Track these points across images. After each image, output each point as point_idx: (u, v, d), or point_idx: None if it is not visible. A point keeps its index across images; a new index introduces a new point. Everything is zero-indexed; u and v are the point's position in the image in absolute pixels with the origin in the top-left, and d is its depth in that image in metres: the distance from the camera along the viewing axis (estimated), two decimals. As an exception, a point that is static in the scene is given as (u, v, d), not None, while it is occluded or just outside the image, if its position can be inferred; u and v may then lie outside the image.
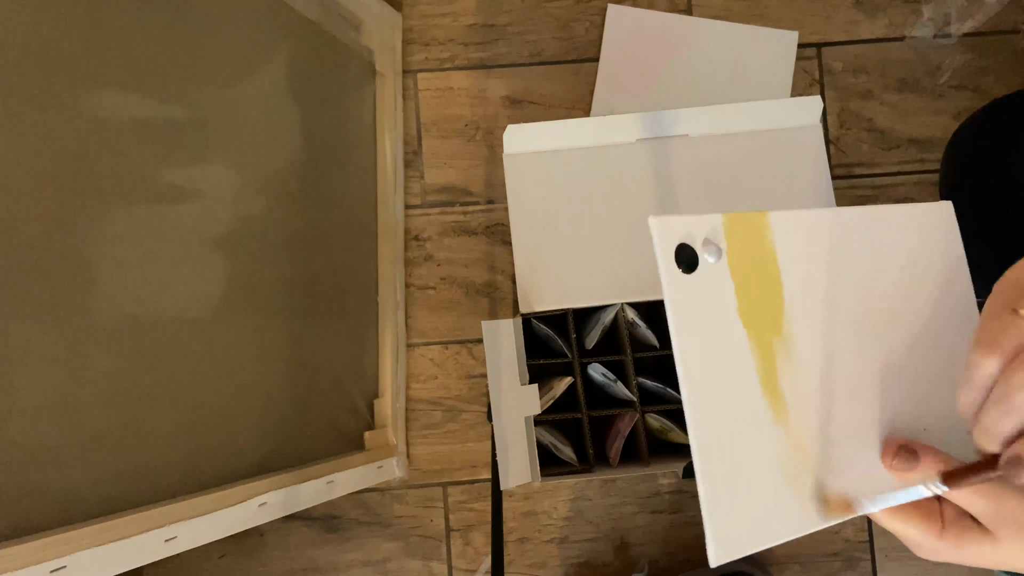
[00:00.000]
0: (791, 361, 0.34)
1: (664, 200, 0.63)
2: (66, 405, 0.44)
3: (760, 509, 0.32)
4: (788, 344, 0.34)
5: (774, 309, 0.34)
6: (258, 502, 0.59)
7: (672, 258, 0.32)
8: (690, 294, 0.32)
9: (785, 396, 0.33)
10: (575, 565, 0.87)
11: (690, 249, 0.32)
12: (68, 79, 0.43)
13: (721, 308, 0.33)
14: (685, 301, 0.32)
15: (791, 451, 0.33)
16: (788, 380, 0.33)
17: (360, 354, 0.80)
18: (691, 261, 0.32)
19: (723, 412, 0.32)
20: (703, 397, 0.32)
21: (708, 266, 0.32)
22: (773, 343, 0.33)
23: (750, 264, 0.33)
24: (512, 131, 0.62)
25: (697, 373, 0.32)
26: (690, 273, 0.32)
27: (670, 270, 0.32)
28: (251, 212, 0.60)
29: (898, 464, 0.33)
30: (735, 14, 0.90)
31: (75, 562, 0.42)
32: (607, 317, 0.64)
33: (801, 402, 0.34)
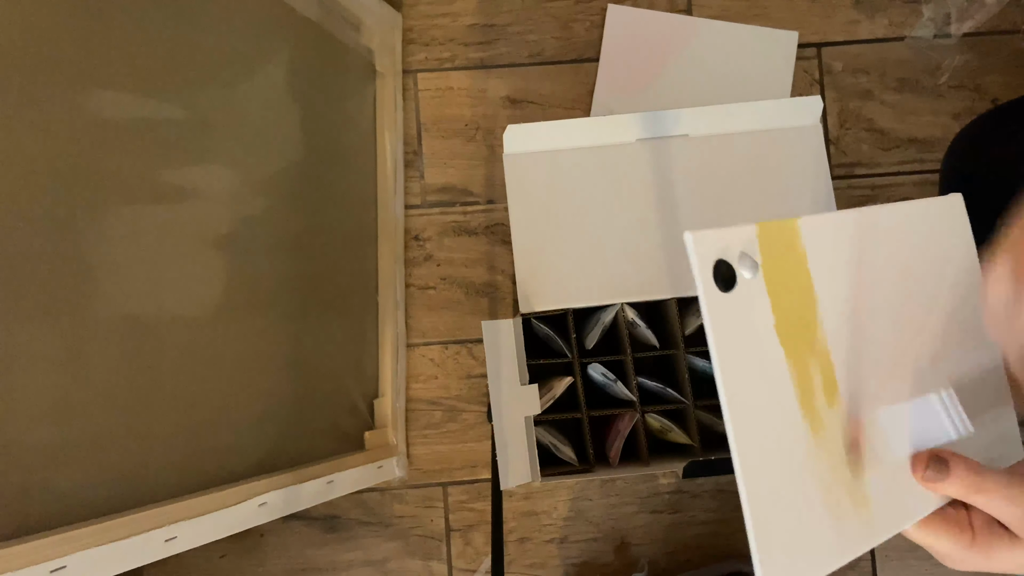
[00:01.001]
0: (826, 376, 0.33)
1: (664, 200, 0.63)
2: (66, 405, 0.43)
3: (808, 538, 0.31)
4: (823, 359, 0.33)
5: (808, 322, 0.32)
6: (258, 502, 0.59)
7: (711, 276, 0.30)
8: (729, 313, 0.31)
9: (821, 414, 0.32)
10: (575, 565, 0.87)
11: (726, 265, 0.31)
12: (68, 79, 0.43)
13: (759, 325, 0.31)
14: (724, 321, 0.30)
15: (830, 471, 0.32)
16: (822, 397, 0.32)
17: (360, 354, 0.80)
18: (728, 277, 0.31)
19: (766, 435, 0.31)
20: (747, 421, 0.30)
21: (745, 282, 0.31)
22: (809, 360, 0.32)
23: (784, 276, 0.32)
24: (512, 131, 0.62)
25: (740, 396, 0.30)
26: (728, 291, 0.31)
27: (709, 289, 0.30)
28: (251, 212, 0.60)
29: (930, 475, 0.32)
30: (735, 14, 0.90)
31: (75, 562, 0.42)
32: (607, 317, 0.64)
33: (835, 419, 0.32)
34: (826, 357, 0.33)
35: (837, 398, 0.32)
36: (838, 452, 0.32)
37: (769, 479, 0.30)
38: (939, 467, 0.32)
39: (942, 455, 0.32)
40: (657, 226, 0.62)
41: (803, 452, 0.31)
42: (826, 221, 0.34)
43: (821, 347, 0.32)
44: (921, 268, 0.36)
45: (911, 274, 0.36)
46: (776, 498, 0.30)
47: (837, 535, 0.31)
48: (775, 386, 0.31)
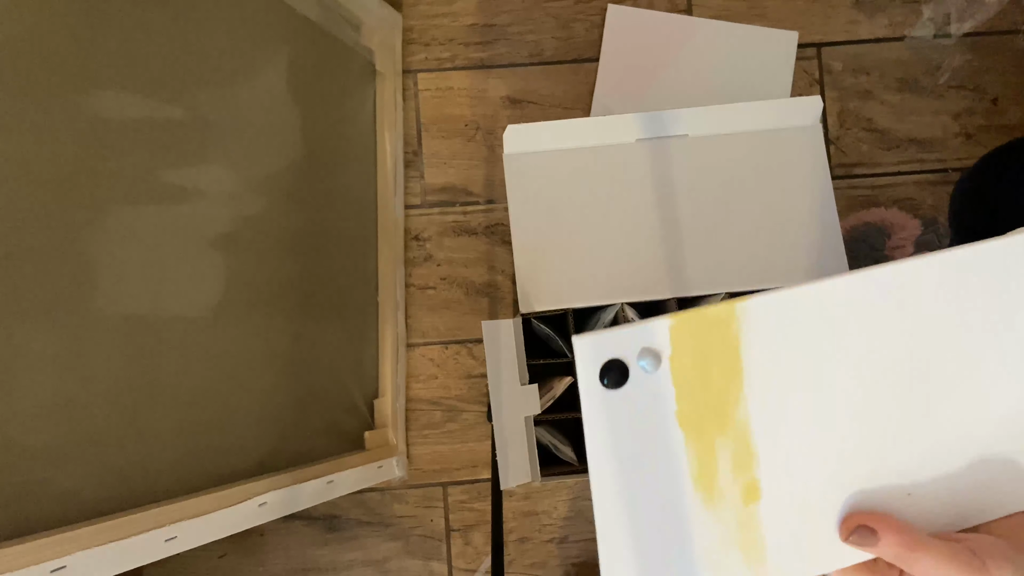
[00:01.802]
0: (738, 453, 0.33)
1: (664, 200, 0.63)
2: (66, 405, 0.44)
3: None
4: (738, 437, 0.33)
5: (725, 405, 0.33)
6: (258, 502, 0.59)
7: (595, 377, 0.31)
8: (614, 408, 0.31)
9: (722, 486, 0.33)
10: (575, 565, 0.87)
11: (619, 363, 0.31)
12: (68, 79, 0.43)
13: (654, 415, 0.32)
14: (607, 416, 0.31)
15: (719, 534, 0.33)
16: (729, 472, 0.33)
17: (360, 354, 0.80)
18: (622, 373, 0.31)
19: (638, 507, 0.32)
20: (614, 499, 0.32)
21: (642, 376, 0.31)
22: (716, 441, 0.33)
23: (702, 364, 0.32)
24: (512, 131, 0.62)
25: (610, 479, 0.32)
26: (618, 387, 0.31)
27: (589, 388, 0.31)
28: (251, 212, 0.60)
29: (855, 540, 0.32)
30: (735, 14, 0.90)
31: (75, 562, 0.42)
32: (607, 317, 0.64)
33: (738, 489, 0.33)
34: (743, 433, 0.33)
35: (751, 468, 0.33)
36: (734, 516, 0.33)
37: (632, 540, 0.32)
38: (866, 534, 0.32)
39: (872, 521, 0.33)
40: (657, 226, 0.62)
41: (689, 518, 0.33)
42: (774, 300, 0.32)
43: (738, 424, 0.33)
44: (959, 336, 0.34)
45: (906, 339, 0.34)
46: (637, 555, 0.32)
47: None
48: (662, 467, 0.32)
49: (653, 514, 0.32)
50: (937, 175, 0.90)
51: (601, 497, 0.32)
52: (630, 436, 0.32)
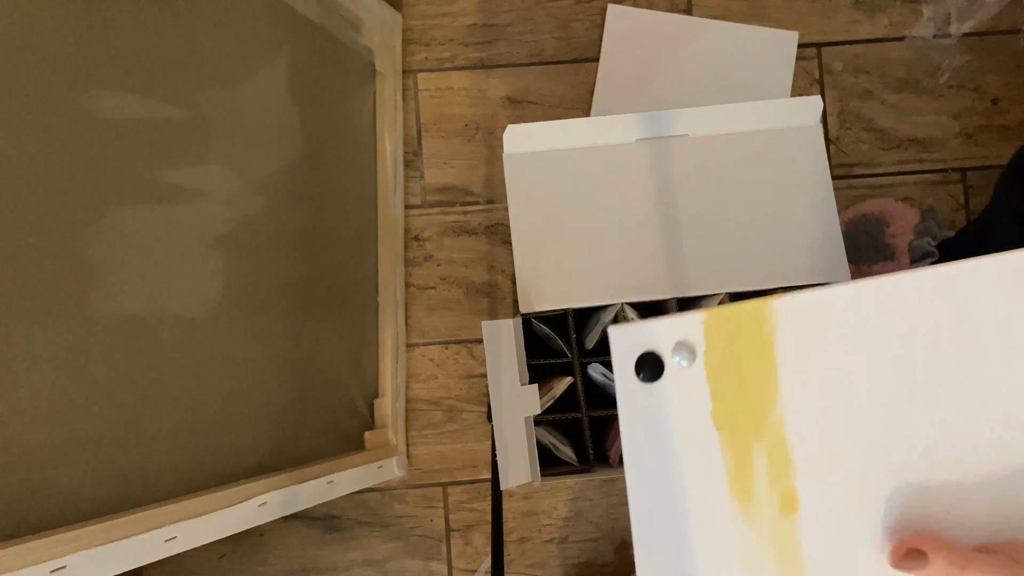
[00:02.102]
0: (775, 458, 0.32)
1: (664, 200, 0.63)
2: (66, 405, 0.44)
3: None
4: (775, 441, 0.32)
5: (760, 406, 0.32)
6: (258, 502, 0.59)
7: (630, 370, 0.30)
8: (650, 403, 0.31)
9: (757, 493, 0.32)
10: (575, 565, 0.87)
11: (654, 356, 0.31)
12: (68, 79, 0.43)
13: (690, 413, 0.31)
14: (643, 410, 0.30)
15: (755, 542, 0.32)
16: (765, 477, 0.32)
17: (360, 354, 0.80)
18: (656, 367, 0.31)
19: (674, 509, 0.31)
20: (651, 497, 0.31)
21: (677, 371, 0.31)
22: (752, 444, 0.32)
23: (736, 361, 0.31)
24: (512, 131, 0.62)
25: (648, 476, 0.31)
26: (653, 382, 0.30)
27: (626, 382, 0.30)
28: (251, 212, 0.60)
29: (907, 566, 0.32)
30: (735, 14, 0.90)
31: (75, 562, 0.42)
32: (607, 317, 0.64)
33: (776, 496, 0.32)
34: (779, 438, 0.32)
35: (789, 477, 0.32)
36: (771, 526, 0.32)
37: (666, 541, 0.31)
38: (918, 557, 0.32)
39: (921, 545, 0.32)
40: (657, 226, 0.62)
41: (725, 524, 0.31)
42: (810, 299, 0.31)
43: (774, 430, 0.32)
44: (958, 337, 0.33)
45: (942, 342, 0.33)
46: (672, 558, 0.31)
47: None
48: (698, 467, 0.31)
49: (689, 517, 0.31)
50: (937, 175, 0.90)
51: (637, 495, 0.31)
52: (667, 434, 0.31)
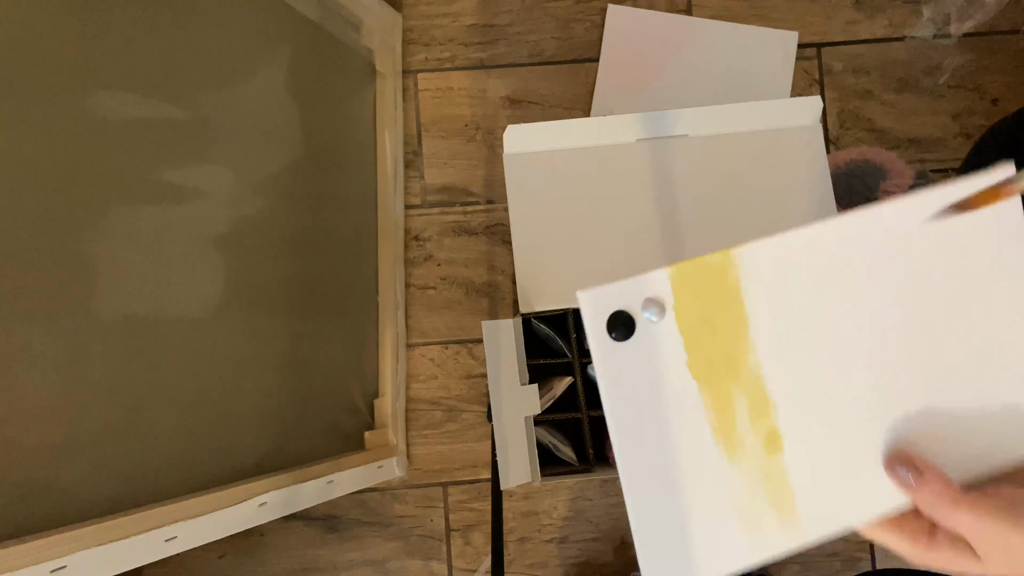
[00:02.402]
0: (754, 400, 0.33)
1: (664, 200, 0.63)
2: (66, 405, 0.44)
3: (707, 544, 0.32)
4: (752, 383, 0.33)
5: (734, 352, 0.33)
6: (258, 502, 0.59)
7: (603, 330, 0.31)
8: (626, 360, 0.31)
9: (742, 435, 0.33)
10: (575, 565, 0.87)
11: (625, 315, 0.31)
12: (68, 79, 0.43)
13: (666, 365, 0.32)
14: (620, 368, 0.31)
15: (746, 485, 0.33)
16: (746, 421, 0.33)
17: (360, 354, 0.80)
18: (628, 326, 0.31)
19: (662, 461, 0.32)
20: (637, 453, 0.31)
21: (649, 327, 0.31)
22: (731, 389, 0.33)
23: (705, 311, 0.32)
24: (512, 131, 0.62)
25: (632, 433, 0.31)
26: (626, 339, 0.31)
27: (600, 342, 0.31)
28: (251, 212, 0.60)
29: (902, 476, 0.32)
30: (735, 14, 0.90)
31: (75, 562, 0.42)
32: (607, 317, 0.64)
33: (759, 437, 0.33)
34: (757, 381, 0.33)
35: (769, 417, 0.33)
36: (758, 466, 0.33)
37: (659, 496, 0.32)
38: (913, 473, 0.32)
39: (918, 463, 0.32)
40: (657, 226, 0.62)
41: (713, 470, 0.32)
42: (771, 244, 0.32)
43: (750, 373, 0.33)
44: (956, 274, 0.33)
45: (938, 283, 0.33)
46: (666, 510, 0.32)
47: (748, 540, 0.32)
48: (681, 418, 0.32)
49: (677, 468, 0.32)
50: (937, 175, 0.90)
51: (623, 453, 0.31)
52: (646, 389, 0.32)
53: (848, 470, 0.33)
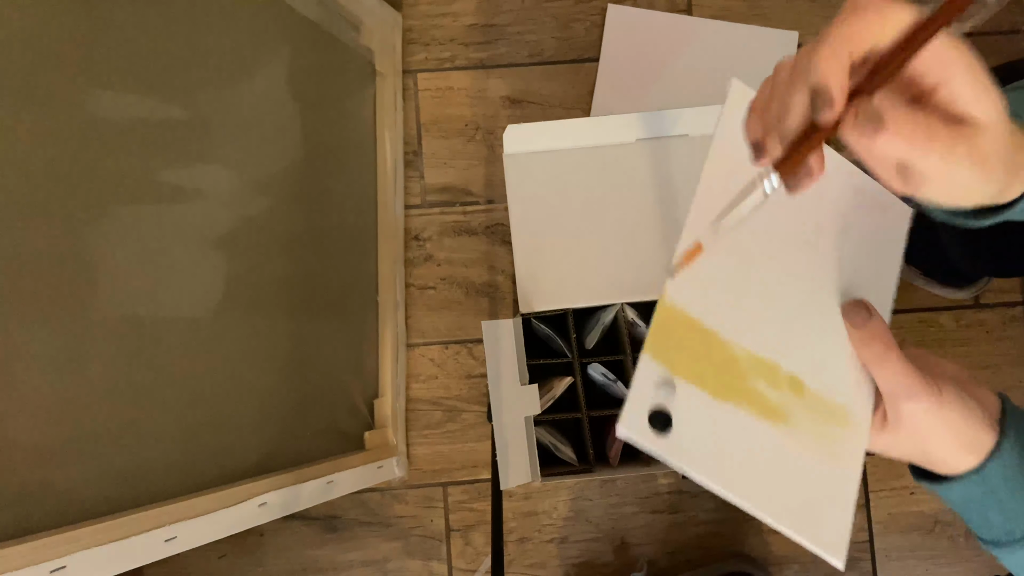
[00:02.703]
0: (767, 374, 0.39)
1: (664, 200, 0.63)
2: (66, 405, 0.44)
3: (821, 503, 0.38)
4: (754, 365, 0.38)
5: (728, 358, 0.38)
6: (258, 502, 0.59)
7: (652, 434, 0.35)
8: (674, 441, 0.36)
9: (780, 403, 0.38)
10: (575, 565, 0.87)
11: (655, 413, 0.36)
12: (68, 79, 0.43)
13: (702, 409, 0.37)
14: (674, 448, 0.36)
15: (812, 432, 0.38)
16: (773, 392, 0.38)
17: (360, 354, 0.80)
18: (664, 420, 0.36)
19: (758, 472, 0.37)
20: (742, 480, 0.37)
21: (674, 402, 0.36)
22: (747, 382, 0.38)
23: (690, 354, 0.37)
24: (512, 131, 0.62)
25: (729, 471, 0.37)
26: (667, 430, 0.36)
27: (654, 445, 0.35)
28: (251, 212, 0.60)
29: (852, 314, 0.39)
30: (735, 14, 0.90)
31: (75, 562, 0.42)
32: (607, 317, 0.64)
33: (794, 386, 0.39)
34: (754, 361, 0.38)
35: (781, 373, 0.39)
36: (804, 409, 0.38)
37: (778, 490, 0.37)
38: (863, 315, 0.38)
39: (871, 307, 0.39)
40: (657, 226, 0.62)
41: (784, 442, 0.37)
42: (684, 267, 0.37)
43: (747, 360, 0.38)
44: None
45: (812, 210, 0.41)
46: (789, 501, 0.37)
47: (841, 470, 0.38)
48: (736, 430, 0.37)
49: (769, 466, 0.37)
50: (937, 175, 0.90)
51: (740, 493, 0.36)
52: (694, 435, 0.36)
53: (848, 360, 0.39)
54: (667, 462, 0.36)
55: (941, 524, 0.88)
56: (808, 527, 0.37)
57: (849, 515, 0.38)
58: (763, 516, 0.36)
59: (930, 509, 0.88)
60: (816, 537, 0.36)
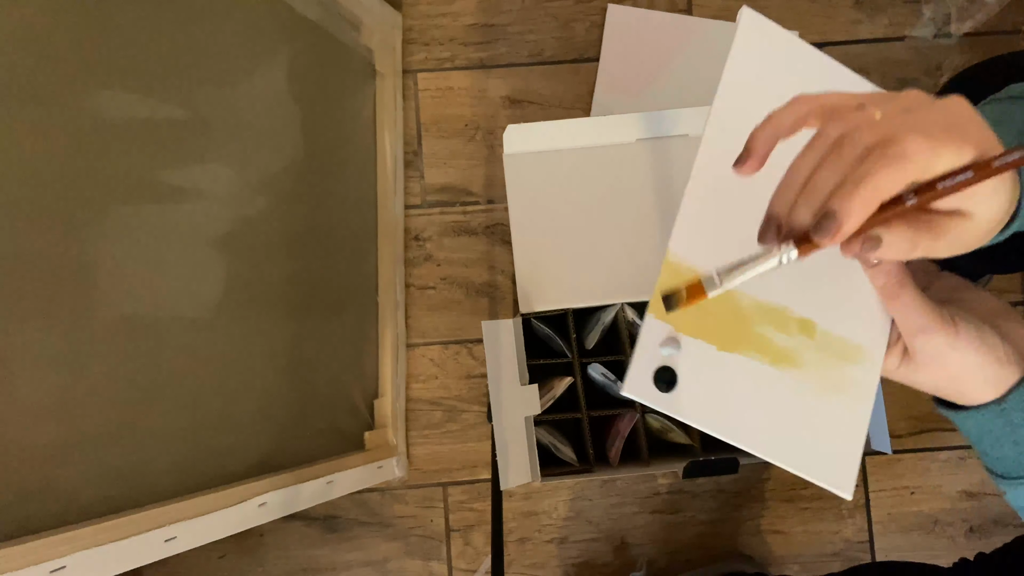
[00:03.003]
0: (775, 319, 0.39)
1: (664, 200, 0.63)
2: (66, 405, 0.44)
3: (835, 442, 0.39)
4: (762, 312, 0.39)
5: (732, 309, 0.38)
6: (258, 502, 0.59)
7: (657, 393, 0.37)
8: (688, 395, 0.37)
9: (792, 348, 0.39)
10: (575, 565, 0.87)
11: (660, 369, 0.37)
12: (68, 79, 0.43)
13: (712, 369, 0.38)
14: (680, 403, 0.37)
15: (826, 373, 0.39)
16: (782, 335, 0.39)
17: (360, 354, 0.80)
18: (670, 377, 0.37)
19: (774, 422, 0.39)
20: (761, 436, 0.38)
21: (678, 360, 0.37)
22: (755, 330, 0.38)
23: (698, 312, 0.38)
24: (512, 131, 0.62)
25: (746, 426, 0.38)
26: (672, 388, 0.37)
27: (660, 403, 0.37)
28: (251, 212, 0.60)
29: (865, 250, 0.33)
30: (735, 14, 0.90)
31: (75, 562, 0.42)
32: (607, 317, 0.64)
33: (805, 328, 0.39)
34: (761, 308, 0.39)
35: (789, 316, 0.39)
36: (816, 351, 0.39)
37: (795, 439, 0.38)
38: (872, 243, 0.34)
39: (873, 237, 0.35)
40: (657, 226, 0.62)
41: (800, 387, 0.38)
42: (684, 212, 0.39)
43: (753, 308, 0.39)
44: None
45: None
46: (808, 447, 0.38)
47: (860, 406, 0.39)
48: (743, 379, 0.38)
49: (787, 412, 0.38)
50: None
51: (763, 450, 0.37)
52: (716, 390, 0.37)
53: (861, 297, 0.40)
54: (676, 417, 0.37)
55: (941, 524, 0.88)
56: (817, 466, 0.38)
57: (858, 450, 0.39)
58: (771, 459, 0.37)
59: (930, 509, 0.88)
60: (825, 475, 0.38)
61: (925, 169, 0.29)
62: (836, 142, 0.30)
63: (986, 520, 0.88)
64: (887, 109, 0.30)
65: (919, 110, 0.30)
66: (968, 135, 0.29)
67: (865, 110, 0.31)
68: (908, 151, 0.28)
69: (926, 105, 0.31)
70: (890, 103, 0.31)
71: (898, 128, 0.29)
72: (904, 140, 0.28)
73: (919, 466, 0.88)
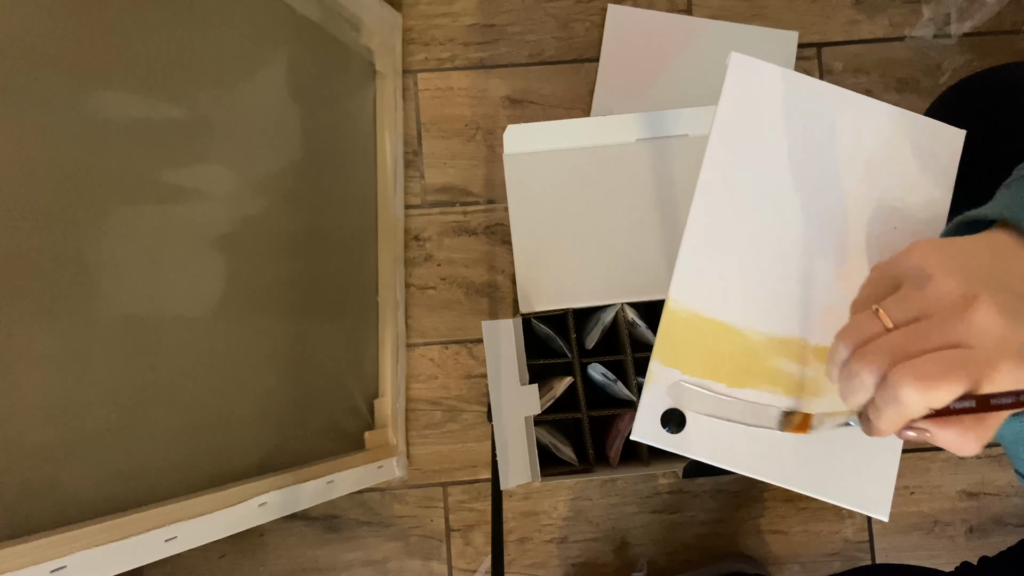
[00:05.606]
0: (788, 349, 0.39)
1: (664, 200, 0.63)
2: (66, 405, 0.44)
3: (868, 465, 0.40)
4: (777, 345, 0.38)
5: (744, 346, 0.38)
6: (258, 502, 0.59)
7: (666, 434, 0.37)
8: (689, 435, 0.37)
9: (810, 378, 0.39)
10: (575, 565, 0.87)
11: (668, 412, 0.37)
12: (68, 79, 0.43)
13: (721, 402, 0.38)
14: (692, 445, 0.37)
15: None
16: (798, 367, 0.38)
17: (360, 354, 0.80)
18: (679, 419, 0.37)
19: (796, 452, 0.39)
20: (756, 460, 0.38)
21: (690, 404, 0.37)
22: (768, 364, 0.38)
23: (701, 351, 0.38)
24: (512, 131, 0.62)
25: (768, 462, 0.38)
26: (681, 429, 0.37)
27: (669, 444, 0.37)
28: (251, 212, 0.60)
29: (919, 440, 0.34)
30: (735, 14, 0.90)
31: (75, 562, 0.42)
32: (607, 317, 0.64)
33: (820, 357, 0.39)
34: (775, 342, 0.38)
35: (809, 346, 0.39)
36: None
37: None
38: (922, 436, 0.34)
39: None
40: (657, 226, 0.62)
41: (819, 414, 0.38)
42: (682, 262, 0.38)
43: (766, 343, 0.38)
44: None
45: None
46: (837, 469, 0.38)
47: None
48: (765, 414, 0.37)
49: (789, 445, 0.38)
50: (937, 175, 0.89)
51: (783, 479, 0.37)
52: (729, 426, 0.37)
53: None
54: (689, 456, 0.37)
55: (941, 524, 0.88)
56: (849, 491, 0.37)
57: (893, 469, 0.39)
58: (798, 488, 0.37)
59: (930, 509, 0.88)
60: (858, 499, 0.38)
61: (923, 410, 0.30)
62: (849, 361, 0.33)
63: (986, 520, 0.88)
64: (897, 315, 0.32)
65: (932, 317, 0.31)
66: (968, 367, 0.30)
67: (878, 317, 0.32)
68: (901, 397, 0.30)
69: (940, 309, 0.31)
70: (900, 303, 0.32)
71: (896, 371, 0.30)
72: (898, 386, 0.30)
73: (919, 466, 0.88)
